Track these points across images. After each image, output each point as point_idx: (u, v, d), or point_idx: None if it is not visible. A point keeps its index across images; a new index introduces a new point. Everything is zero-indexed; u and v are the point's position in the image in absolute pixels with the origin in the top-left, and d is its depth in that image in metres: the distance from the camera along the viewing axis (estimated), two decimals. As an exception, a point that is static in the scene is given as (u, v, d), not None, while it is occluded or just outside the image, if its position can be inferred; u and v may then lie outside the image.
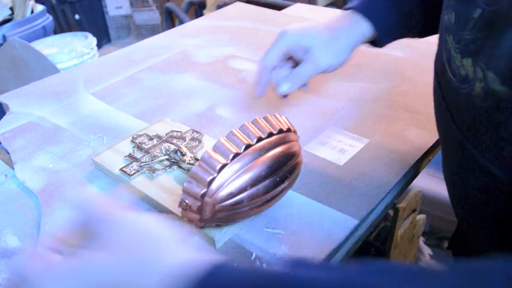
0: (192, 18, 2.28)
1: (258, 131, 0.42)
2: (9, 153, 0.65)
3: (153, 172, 0.55)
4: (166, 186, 0.53)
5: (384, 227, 0.75)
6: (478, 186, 0.40)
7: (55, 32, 2.04)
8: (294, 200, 0.52)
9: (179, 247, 0.29)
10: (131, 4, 2.96)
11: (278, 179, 0.43)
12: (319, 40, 0.55)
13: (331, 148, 0.61)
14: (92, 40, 1.90)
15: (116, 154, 0.59)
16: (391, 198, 0.55)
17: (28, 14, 1.90)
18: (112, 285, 0.28)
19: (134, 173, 0.55)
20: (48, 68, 1.44)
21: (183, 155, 0.56)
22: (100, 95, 0.79)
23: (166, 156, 0.57)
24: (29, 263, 0.29)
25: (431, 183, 1.43)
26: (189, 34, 1.05)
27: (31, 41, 1.78)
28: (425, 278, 0.25)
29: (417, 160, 0.58)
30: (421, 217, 0.84)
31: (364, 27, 0.55)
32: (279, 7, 1.26)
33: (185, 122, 0.68)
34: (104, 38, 3.06)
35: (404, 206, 0.71)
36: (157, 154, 0.58)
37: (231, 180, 0.40)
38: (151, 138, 0.62)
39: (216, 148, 0.41)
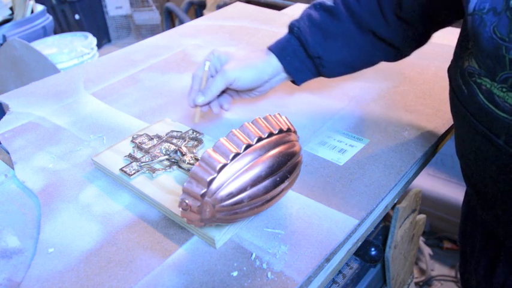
0: (192, 18, 2.28)
1: (258, 131, 0.42)
2: (9, 153, 0.65)
3: (153, 172, 0.55)
4: (166, 186, 0.53)
5: (383, 227, 0.75)
6: (498, 169, 0.43)
7: (55, 32, 2.04)
8: (294, 200, 0.52)
9: None
10: (131, 4, 2.96)
11: (278, 179, 0.43)
12: (234, 57, 0.61)
13: (331, 148, 0.61)
14: (92, 40, 1.90)
15: (116, 154, 0.59)
16: (391, 198, 0.55)
17: (28, 14, 1.90)
18: None
19: (134, 173, 0.55)
20: (48, 68, 1.44)
21: (183, 155, 0.56)
22: (100, 95, 0.79)
23: (166, 156, 0.57)
24: None
25: (431, 183, 1.43)
26: (189, 34, 1.05)
27: (31, 41, 1.78)
28: None
29: (417, 160, 0.58)
30: (421, 217, 0.84)
31: (275, 62, 0.61)
32: (279, 7, 1.26)
33: (185, 122, 0.68)
34: (104, 38, 3.06)
35: (404, 206, 0.71)
36: (157, 154, 0.58)
37: (231, 180, 0.40)
38: (151, 138, 0.62)
39: (216, 148, 0.41)
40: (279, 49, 0.61)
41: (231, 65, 0.60)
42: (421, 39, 0.60)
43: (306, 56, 0.60)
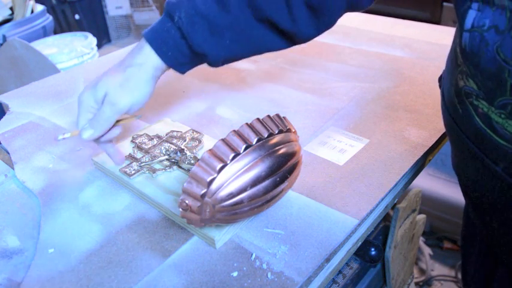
0: (192, 18, 2.27)
1: (258, 131, 0.42)
2: (9, 153, 0.65)
3: (153, 172, 0.55)
4: (166, 186, 0.53)
5: (383, 227, 0.75)
6: (495, 193, 0.40)
7: (55, 32, 2.04)
8: (294, 200, 0.52)
9: None
10: (131, 4, 2.96)
11: (278, 179, 0.43)
12: (112, 84, 0.51)
13: (331, 148, 0.61)
14: (92, 40, 1.90)
15: (116, 154, 0.59)
16: (391, 198, 0.55)
17: (28, 14, 1.90)
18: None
19: (134, 173, 0.55)
20: (48, 68, 1.44)
21: (183, 155, 0.56)
22: (100, 95, 0.79)
23: (166, 156, 0.57)
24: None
25: (431, 183, 1.43)
26: (189, 34, 1.05)
27: (31, 41, 1.78)
28: None
29: (417, 160, 0.58)
30: (421, 217, 0.84)
31: (154, 59, 0.53)
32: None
33: (185, 122, 0.68)
34: (104, 38, 3.06)
35: (404, 206, 0.71)
36: (157, 154, 0.58)
37: (231, 181, 0.40)
38: (151, 138, 0.62)
39: (216, 148, 0.41)
40: (158, 43, 0.52)
41: (117, 94, 0.51)
42: (325, 28, 0.53)
43: (190, 52, 0.52)
